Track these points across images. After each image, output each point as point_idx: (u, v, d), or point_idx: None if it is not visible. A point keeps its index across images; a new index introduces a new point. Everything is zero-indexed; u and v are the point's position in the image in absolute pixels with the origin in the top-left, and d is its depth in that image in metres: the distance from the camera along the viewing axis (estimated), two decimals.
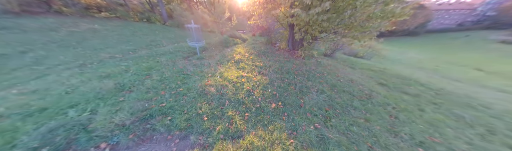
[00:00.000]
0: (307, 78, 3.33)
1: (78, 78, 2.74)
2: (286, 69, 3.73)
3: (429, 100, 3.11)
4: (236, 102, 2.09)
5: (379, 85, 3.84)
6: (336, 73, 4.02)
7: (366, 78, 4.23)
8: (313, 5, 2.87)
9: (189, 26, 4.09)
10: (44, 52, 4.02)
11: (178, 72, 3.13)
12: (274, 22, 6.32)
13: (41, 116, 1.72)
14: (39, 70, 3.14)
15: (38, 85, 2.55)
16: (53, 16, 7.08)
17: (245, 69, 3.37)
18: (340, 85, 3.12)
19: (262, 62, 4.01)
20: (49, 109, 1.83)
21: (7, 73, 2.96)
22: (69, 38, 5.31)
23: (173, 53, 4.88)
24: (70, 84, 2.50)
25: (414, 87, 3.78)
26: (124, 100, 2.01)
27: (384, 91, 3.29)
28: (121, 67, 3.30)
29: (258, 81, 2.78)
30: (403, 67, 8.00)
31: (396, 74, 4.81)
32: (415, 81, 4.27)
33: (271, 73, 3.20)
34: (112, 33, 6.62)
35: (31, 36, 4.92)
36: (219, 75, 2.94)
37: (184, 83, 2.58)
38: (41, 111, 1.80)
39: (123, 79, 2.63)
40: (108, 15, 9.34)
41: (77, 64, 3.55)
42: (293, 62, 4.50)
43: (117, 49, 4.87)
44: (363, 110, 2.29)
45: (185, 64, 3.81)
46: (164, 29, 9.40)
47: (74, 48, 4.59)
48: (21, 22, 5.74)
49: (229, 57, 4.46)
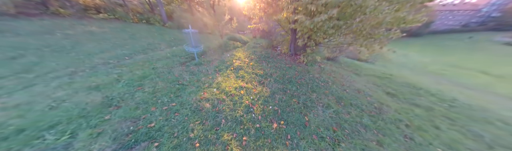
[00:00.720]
0: (310, 88, 3.12)
1: (65, 89, 2.55)
2: (288, 77, 3.51)
3: (443, 114, 2.88)
4: (233, 121, 1.89)
5: (387, 95, 3.62)
6: (341, 81, 3.80)
7: (373, 87, 4.00)
8: (318, 11, 2.65)
9: (186, 31, 3.90)
10: (35, 58, 3.85)
11: (173, 82, 2.94)
12: (276, 25, 6.11)
13: (16, 139, 1.53)
14: (27, 79, 2.96)
15: (23, 97, 2.37)
16: (50, 18, 6.93)
17: (244, 78, 3.16)
18: (347, 97, 2.91)
19: (262, 69, 3.80)
20: (27, 130, 1.65)
21: None
22: (64, 42, 5.14)
23: (170, 59, 4.69)
24: (55, 97, 2.31)
25: (425, 98, 3.55)
26: (109, 119, 1.82)
27: (394, 103, 3.07)
28: (113, 76, 3.11)
29: (258, 93, 2.57)
30: (409, 72, 7.74)
31: (404, 82, 4.57)
32: (426, 90, 4.04)
33: (272, 84, 2.99)
34: (109, 36, 6.44)
35: (24, 40, 4.76)
36: (216, 85, 2.74)
37: (178, 96, 2.38)
38: (18, 133, 1.61)
39: (113, 91, 2.44)
40: (106, 16, 9.18)
41: (68, 72, 3.37)
42: (295, 69, 4.29)
43: (113, 54, 4.69)
44: (374, 129, 2.07)
45: (181, 71, 3.61)
46: (163, 31, 9.22)
47: (68, 53, 4.41)
48: (15, 25, 5.59)
49: (229, 63, 4.26)
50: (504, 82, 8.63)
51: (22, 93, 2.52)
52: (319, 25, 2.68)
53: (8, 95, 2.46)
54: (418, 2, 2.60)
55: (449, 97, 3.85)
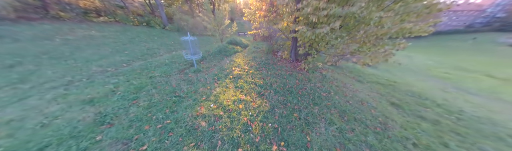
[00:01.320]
0: (312, 99, 3.01)
1: (59, 102, 2.49)
2: (288, 87, 3.41)
3: (451, 128, 2.75)
4: (231, 143, 1.79)
5: (392, 105, 3.49)
6: (344, 91, 3.68)
7: (377, 96, 3.88)
8: (320, 21, 2.55)
9: (185, 39, 3.81)
10: (33, 66, 3.80)
11: (169, 93, 2.85)
12: (277, 30, 6.01)
13: None
14: (22, 90, 2.91)
15: (16, 111, 2.30)
16: (50, 22, 6.93)
17: (243, 89, 3.07)
18: (350, 110, 2.79)
19: (262, 78, 3.70)
20: None
21: None
22: (62, 48, 5.10)
23: (169, 65, 4.62)
24: (48, 112, 2.25)
25: (431, 109, 3.42)
26: (101, 140, 1.73)
27: (399, 116, 2.95)
28: (109, 87, 3.04)
29: (257, 107, 2.48)
30: (413, 77, 7.56)
31: (408, 91, 4.44)
32: (431, 100, 3.90)
33: (272, 96, 2.89)
34: (108, 40, 6.41)
35: (23, 47, 4.73)
36: (214, 98, 2.65)
37: (173, 111, 2.29)
38: None
39: (107, 105, 2.36)
40: (107, 19, 9.18)
41: (65, 81, 3.31)
42: (296, 77, 4.18)
43: (111, 61, 4.63)
44: (380, 149, 1.96)
45: (179, 80, 3.53)
46: (163, 34, 9.18)
47: (66, 60, 4.36)
48: (15, 30, 5.57)
49: (228, 71, 4.16)
50: (510, 85, 8.40)
51: (16, 106, 2.45)
52: (321, 36, 2.57)
53: (1, 108, 2.40)
54: (425, 12, 2.48)
55: (456, 107, 3.70)
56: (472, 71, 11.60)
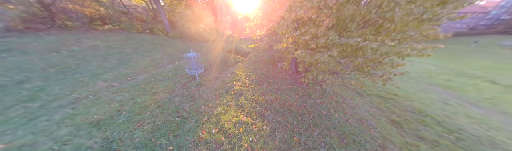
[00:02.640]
0: (312, 119, 3.06)
1: (68, 124, 2.59)
2: (288, 105, 3.47)
3: (450, 150, 2.77)
4: None
5: (391, 123, 3.52)
6: (344, 108, 3.72)
7: (377, 112, 3.91)
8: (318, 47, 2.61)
9: (188, 56, 3.91)
10: (41, 82, 3.93)
11: (172, 113, 2.94)
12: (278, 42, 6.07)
13: None
14: (32, 110, 3.02)
15: (26, 134, 2.41)
16: (57, 32, 7.12)
17: (244, 108, 3.14)
18: (350, 131, 2.84)
19: (263, 95, 3.77)
20: None
21: (0, 114, 2.86)
22: (69, 60, 5.25)
23: (172, 79, 4.72)
24: (57, 136, 2.34)
25: (430, 128, 3.44)
26: None
27: (398, 137, 2.98)
28: (114, 106, 3.14)
29: (258, 131, 2.54)
30: (414, 86, 7.55)
31: (408, 106, 4.45)
32: (431, 117, 3.91)
33: (272, 116, 2.95)
34: (113, 50, 6.56)
35: (30, 60, 4.89)
36: (215, 119, 2.73)
37: (176, 136, 2.37)
38: None
39: (113, 129, 2.46)
40: (111, 27, 9.38)
41: (72, 98, 3.42)
42: (296, 91, 4.24)
43: (116, 74, 4.76)
44: None
45: (181, 97, 3.62)
46: (166, 42, 9.34)
47: (72, 74, 4.50)
48: (23, 42, 5.76)
49: (229, 85, 4.25)
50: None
51: (26, 128, 2.56)
52: (319, 60, 2.64)
53: (13, 130, 2.51)
54: (422, 39, 2.53)
55: (455, 125, 3.71)
56: (475, 77, 11.47)
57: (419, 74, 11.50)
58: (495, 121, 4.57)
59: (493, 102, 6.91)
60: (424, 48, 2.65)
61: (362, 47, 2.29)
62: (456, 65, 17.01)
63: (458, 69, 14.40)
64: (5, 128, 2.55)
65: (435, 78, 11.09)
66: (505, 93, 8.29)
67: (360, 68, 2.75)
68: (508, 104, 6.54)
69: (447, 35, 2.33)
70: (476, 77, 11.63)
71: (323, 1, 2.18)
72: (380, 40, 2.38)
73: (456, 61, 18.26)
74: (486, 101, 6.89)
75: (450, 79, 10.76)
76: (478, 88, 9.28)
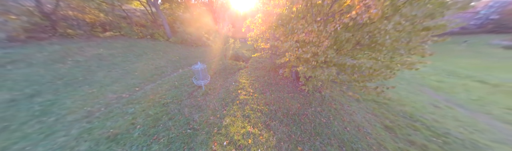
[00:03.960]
0: (313, 128, 3.33)
1: (86, 139, 2.76)
2: (291, 114, 3.73)
3: None
4: None
5: (385, 129, 3.83)
6: (342, 115, 4.01)
7: (372, 118, 4.21)
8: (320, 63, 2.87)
9: (195, 68, 4.11)
10: (51, 95, 4.06)
11: (184, 125, 3.14)
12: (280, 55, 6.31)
13: None
14: (47, 124, 3.17)
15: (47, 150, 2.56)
16: (59, 40, 7.17)
17: (250, 119, 3.37)
18: (348, 139, 3.11)
19: (267, 104, 4.01)
20: None
21: (16, 130, 2.99)
22: (75, 71, 5.36)
23: (179, 88, 4.91)
24: None
25: (420, 132, 3.76)
26: None
27: (392, 142, 3.28)
28: (128, 119, 3.32)
29: (265, 142, 2.78)
30: (407, 88, 7.95)
31: (400, 111, 4.79)
32: (421, 122, 4.25)
33: (277, 127, 3.20)
34: (117, 59, 6.68)
35: (37, 72, 4.98)
36: (225, 131, 2.95)
37: (191, 149, 2.58)
38: None
39: (131, 143, 2.65)
40: (112, 34, 9.45)
41: (85, 112, 3.57)
42: (297, 100, 4.51)
43: (123, 85, 4.90)
44: None
45: (190, 107, 3.82)
46: (168, 48, 9.46)
47: (80, 86, 4.63)
48: (27, 53, 5.82)
49: (234, 94, 4.47)
50: (499, 93, 8.81)
51: (45, 144, 2.70)
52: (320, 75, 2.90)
53: (32, 147, 2.65)
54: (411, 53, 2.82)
55: (443, 129, 4.05)
56: (465, 77, 12.04)
57: (412, 75, 11.97)
58: (480, 123, 4.96)
59: (480, 103, 7.37)
60: (413, 63, 2.94)
61: (357, 66, 2.56)
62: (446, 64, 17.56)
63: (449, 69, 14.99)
64: (24, 144, 2.69)
65: (427, 79, 11.55)
66: (492, 94, 8.79)
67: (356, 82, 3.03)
68: (493, 105, 7.00)
69: (432, 53, 2.63)
70: (466, 76, 12.18)
71: (322, 26, 2.43)
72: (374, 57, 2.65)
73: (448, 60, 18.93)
74: (474, 103, 7.33)
75: (441, 80, 11.25)
76: (467, 89, 9.76)
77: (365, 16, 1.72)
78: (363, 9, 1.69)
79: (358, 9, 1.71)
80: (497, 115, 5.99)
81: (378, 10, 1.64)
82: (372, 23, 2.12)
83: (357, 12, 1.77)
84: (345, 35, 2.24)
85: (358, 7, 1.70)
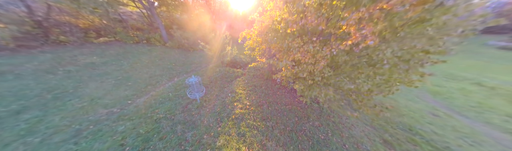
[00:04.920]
0: (311, 146, 3.23)
1: None
2: (289, 130, 3.62)
3: None
4: None
5: (384, 144, 3.74)
6: (341, 130, 3.91)
7: (371, 131, 4.13)
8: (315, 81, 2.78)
9: (190, 82, 3.98)
10: (39, 111, 3.89)
11: (175, 146, 3.01)
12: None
13: None
14: (32, 146, 3.01)
15: None
16: (51, 48, 6.97)
17: (245, 138, 3.26)
18: None
19: (264, 119, 3.90)
20: None
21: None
22: (65, 82, 5.18)
23: (173, 101, 4.77)
24: None
25: (419, 147, 3.69)
26: None
27: None
28: (117, 139, 3.18)
29: None
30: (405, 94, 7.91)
31: (400, 123, 4.71)
32: (421, 135, 4.17)
33: (274, 147, 3.09)
34: (110, 68, 6.50)
35: (26, 84, 4.80)
36: None
37: None
38: None
39: None
40: (106, 39, 9.23)
41: (73, 130, 3.42)
42: (295, 113, 4.40)
43: (115, 97, 4.75)
44: None
45: (183, 124, 3.70)
46: (164, 54, 9.28)
47: (70, 99, 4.46)
48: (15, 63, 5.62)
49: (230, 107, 4.35)
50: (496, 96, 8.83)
51: None
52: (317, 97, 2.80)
53: None
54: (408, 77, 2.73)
55: (442, 143, 3.99)
56: (463, 79, 12.08)
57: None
58: (479, 133, 4.91)
59: (478, 110, 7.34)
60: (411, 81, 2.85)
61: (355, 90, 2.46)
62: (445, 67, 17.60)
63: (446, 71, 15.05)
64: None
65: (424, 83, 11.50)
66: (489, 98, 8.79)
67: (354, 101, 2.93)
68: (491, 112, 6.98)
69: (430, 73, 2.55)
70: (464, 79, 12.20)
71: (318, 46, 2.33)
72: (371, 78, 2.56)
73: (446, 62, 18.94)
74: (473, 110, 7.30)
75: (439, 84, 11.25)
76: (465, 94, 9.77)
77: (361, 47, 1.62)
78: (359, 39, 1.60)
79: (354, 39, 1.61)
80: (496, 124, 5.96)
81: (375, 42, 1.54)
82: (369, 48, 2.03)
83: (353, 42, 1.67)
84: (341, 58, 2.15)
85: (354, 37, 1.61)
